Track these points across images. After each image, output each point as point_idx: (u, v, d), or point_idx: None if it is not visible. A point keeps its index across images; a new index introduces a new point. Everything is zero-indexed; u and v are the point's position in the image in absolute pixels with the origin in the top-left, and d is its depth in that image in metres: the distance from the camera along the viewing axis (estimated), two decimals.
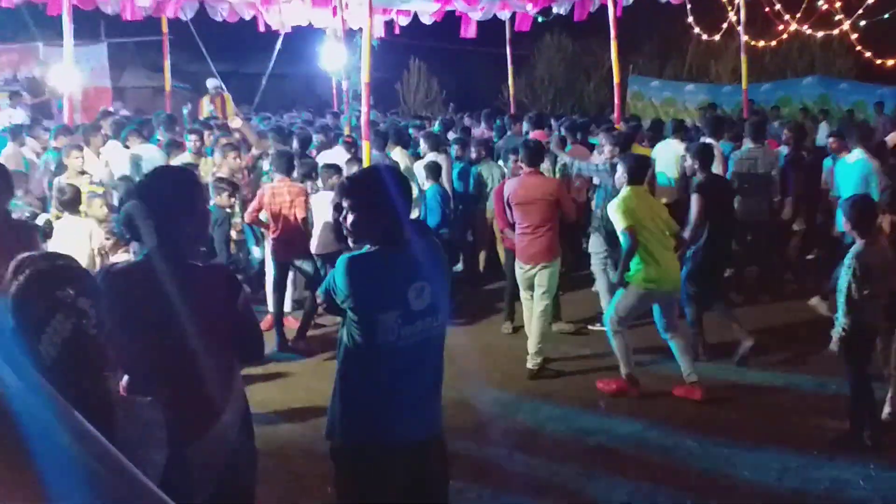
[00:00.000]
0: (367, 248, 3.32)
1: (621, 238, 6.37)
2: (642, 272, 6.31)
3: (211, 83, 14.65)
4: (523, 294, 7.36)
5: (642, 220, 6.31)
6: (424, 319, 3.25)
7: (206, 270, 3.35)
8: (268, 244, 8.06)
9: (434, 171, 9.33)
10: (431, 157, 9.67)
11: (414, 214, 9.00)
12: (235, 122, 11.29)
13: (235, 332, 3.20)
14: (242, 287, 3.36)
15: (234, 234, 8.30)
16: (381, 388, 3.26)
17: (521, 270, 7.23)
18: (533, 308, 7.11)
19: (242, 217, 8.19)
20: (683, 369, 6.38)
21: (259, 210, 7.75)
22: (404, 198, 3.31)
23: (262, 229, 8.15)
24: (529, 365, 6.95)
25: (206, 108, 14.32)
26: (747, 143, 9.03)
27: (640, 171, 6.62)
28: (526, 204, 7.05)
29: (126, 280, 3.03)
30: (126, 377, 3.08)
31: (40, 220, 6.82)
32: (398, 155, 9.90)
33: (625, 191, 6.46)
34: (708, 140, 9.24)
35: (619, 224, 6.31)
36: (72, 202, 6.55)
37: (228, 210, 7.90)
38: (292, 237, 7.71)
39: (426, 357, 3.32)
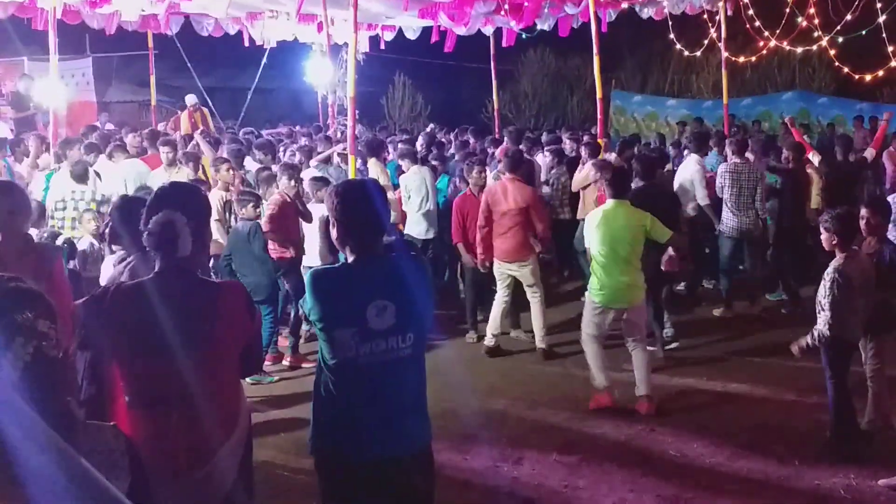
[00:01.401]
0: (345, 260, 3.35)
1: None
2: (594, 287, 6.53)
3: (189, 99, 14.67)
4: (500, 287, 7.92)
5: (603, 237, 6.41)
6: (387, 339, 3.18)
7: (225, 288, 3.33)
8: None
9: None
10: (415, 170, 9.66)
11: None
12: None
13: (246, 351, 3.21)
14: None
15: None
16: (345, 403, 3.24)
17: (498, 267, 7.87)
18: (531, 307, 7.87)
19: None
20: (637, 381, 6.50)
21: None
22: (379, 211, 3.29)
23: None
24: (542, 345, 7.78)
25: (184, 124, 14.27)
26: (732, 159, 9.14)
27: (624, 182, 6.73)
28: (502, 207, 7.69)
29: (138, 298, 2.97)
30: (127, 397, 3.04)
31: (59, 241, 6.76)
32: (372, 166, 9.93)
33: (607, 204, 6.60)
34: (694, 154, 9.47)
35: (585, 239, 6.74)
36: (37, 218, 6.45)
37: (257, 221, 7.62)
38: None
39: (395, 377, 3.25)
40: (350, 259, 3.29)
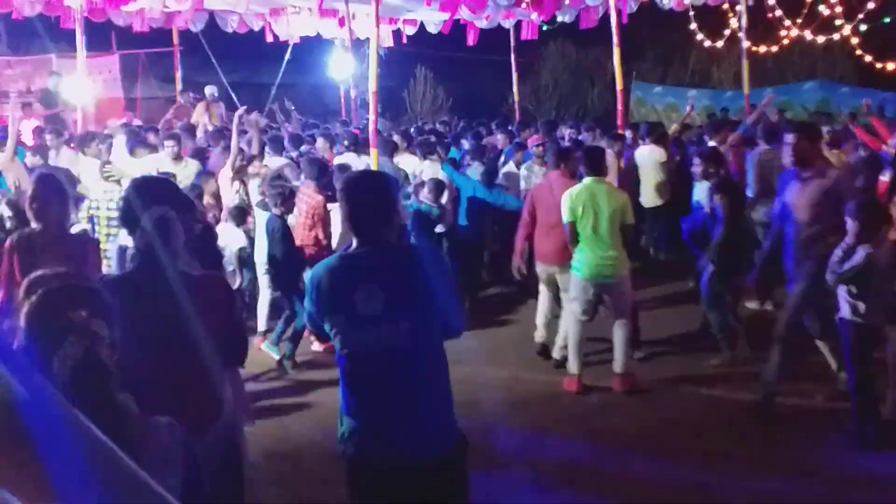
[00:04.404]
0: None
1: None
2: (577, 262, 6.68)
3: (208, 90, 14.71)
4: (541, 287, 7.63)
5: (586, 213, 6.56)
6: (378, 326, 3.10)
7: (204, 280, 3.38)
8: None
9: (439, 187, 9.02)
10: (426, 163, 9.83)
11: None
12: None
13: (228, 341, 3.26)
14: (237, 297, 3.46)
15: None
16: (356, 399, 3.22)
17: (539, 268, 7.50)
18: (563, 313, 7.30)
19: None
20: (615, 358, 6.70)
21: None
22: (379, 201, 3.25)
23: None
24: (557, 356, 7.33)
25: (198, 115, 14.22)
26: (762, 145, 9.11)
27: (597, 161, 6.79)
28: (547, 203, 7.19)
29: (122, 290, 2.95)
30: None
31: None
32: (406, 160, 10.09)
33: (584, 181, 6.74)
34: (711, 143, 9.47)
35: (563, 215, 6.68)
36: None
37: (283, 218, 7.31)
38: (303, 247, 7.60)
39: (397, 371, 3.16)
40: (353, 247, 3.28)
